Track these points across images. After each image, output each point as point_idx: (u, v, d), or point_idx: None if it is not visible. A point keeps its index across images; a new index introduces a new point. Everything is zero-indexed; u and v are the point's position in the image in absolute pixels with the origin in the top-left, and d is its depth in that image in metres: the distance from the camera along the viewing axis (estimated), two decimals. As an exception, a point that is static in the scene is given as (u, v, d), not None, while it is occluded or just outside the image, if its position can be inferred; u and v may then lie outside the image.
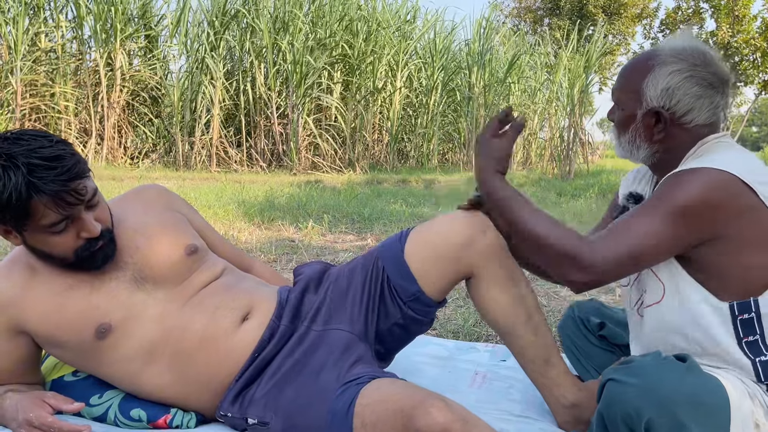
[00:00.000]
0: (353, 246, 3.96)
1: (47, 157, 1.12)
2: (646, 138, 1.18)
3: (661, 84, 1.14)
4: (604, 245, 1.07)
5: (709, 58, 1.14)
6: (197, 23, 10.61)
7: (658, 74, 1.14)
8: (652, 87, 1.15)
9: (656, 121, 1.16)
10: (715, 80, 1.13)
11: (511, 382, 1.67)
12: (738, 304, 1.08)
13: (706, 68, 1.13)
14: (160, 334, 1.26)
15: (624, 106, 1.21)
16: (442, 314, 2.51)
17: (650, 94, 1.15)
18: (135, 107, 10.45)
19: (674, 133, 1.16)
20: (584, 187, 8.32)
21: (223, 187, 7.13)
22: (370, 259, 1.42)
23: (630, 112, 1.19)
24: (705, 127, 1.16)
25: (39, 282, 1.24)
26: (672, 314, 1.14)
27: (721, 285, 1.09)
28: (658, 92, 1.14)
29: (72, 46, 10.32)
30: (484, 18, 11.70)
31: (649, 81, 1.15)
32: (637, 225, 1.07)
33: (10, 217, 1.13)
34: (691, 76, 1.13)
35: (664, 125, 1.16)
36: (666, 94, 1.13)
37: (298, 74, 9.99)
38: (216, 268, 1.39)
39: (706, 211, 1.04)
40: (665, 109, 1.14)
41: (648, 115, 1.17)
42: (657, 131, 1.17)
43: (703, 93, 1.13)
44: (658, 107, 1.15)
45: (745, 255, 1.07)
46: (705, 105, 1.13)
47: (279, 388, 1.25)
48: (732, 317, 1.09)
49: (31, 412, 1.16)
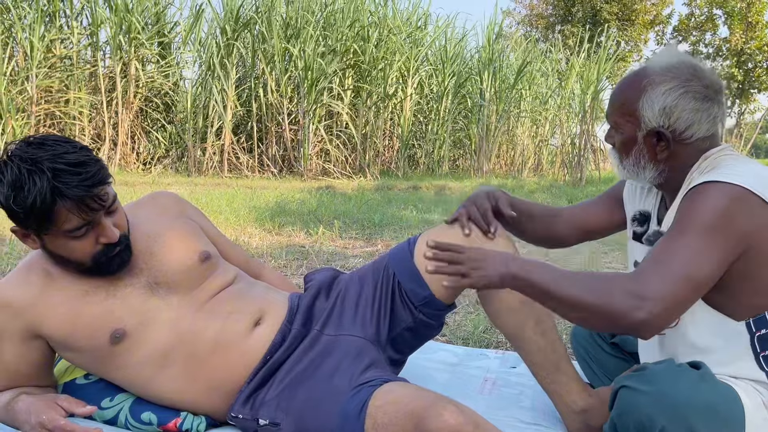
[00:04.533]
0: (363, 252, 3.96)
1: (72, 163, 1.13)
2: (650, 158, 1.17)
3: (657, 104, 1.12)
4: (652, 277, 1.00)
5: (700, 71, 1.13)
6: (210, 31, 10.71)
7: (652, 95, 1.12)
8: (648, 108, 1.13)
9: (658, 140, 1.15)
10: (709, 92, 1.12)
11: (521, 388, 1.66)
12: (754, 321, 1.07)
13: (698, 81, 1.12)
14: (174, 340, 1.27)
15: (622, 129, 1.19)
16: (452, 321, 2.50)
17: (648, 116, 1.13)
18: (148, 113, 10.56)
19: (677, 151, 1.15)
20: (595, 193, 8.23)
21: (234, 193, 7.17)
22: (380, 265, 1.43)
23: (629, 135, 1.18)
24: (706, 140, 1.14)
25: (55, 287, 1.25)
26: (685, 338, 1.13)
27: (737, 304, 1.07)
28: (656, 112, 1.12)
29: (87, 53, 10.45)
30: (495, 24, 11.70)
31: (644, 102, 1.13)
32: (675, 253, 1.02)
33: (33, 221, 1.15)
34: (685, 92, 1.11)
35: (667, 144, 1.14)
36: (664, 114, 1.12)
37: (309, 81, 10.04)
38: (228, 274, 1.40)
39: (731, 225, 1.02)
40: (665, 128, 1.13)
41: (649, 136, 1.15)
42: (660, 150, 1.15)
43: (700, 106, 1.11)
44: (658, 127, 1.13)
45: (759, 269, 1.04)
46: (704, 118, 1.12)
47: (291, 389, 1.25)
48: (750, 334, 1.07)
49: (44, 415, 1.18)
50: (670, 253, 1.03)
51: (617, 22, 24.24)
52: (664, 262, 1.02)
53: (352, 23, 11.04)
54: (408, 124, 11.38)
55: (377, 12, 11.72)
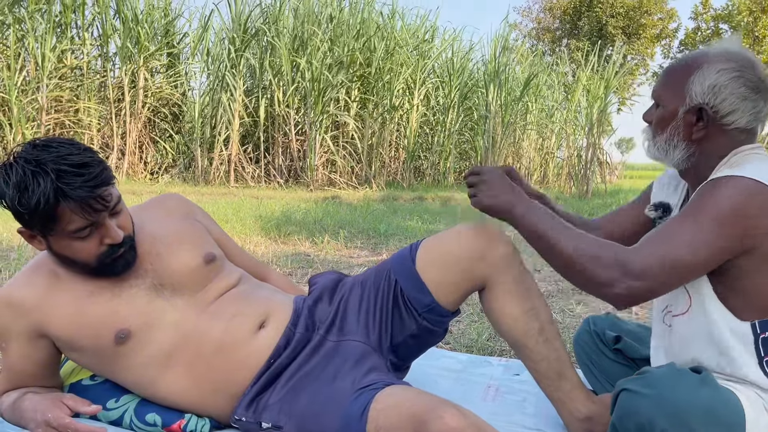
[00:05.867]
0: (368, 261, 3.97)
1: (75, 164, 1.14)
2: (684, 137, 1.17)
3: (708, 80, 1.13)
4: (645, 252, 1.04)
5: (757, 64, 1.14)
6: (218, 41, 10.82)
7: (706, 71, 1.13)
8: (698, 83, 1.14)
9: (697, 119, 1.15)
10: (761, 85, 1.13)
11: (525, 395, 1.66)
12: (760, 322, 1.06)
13: (753, 72, 1.13)
14: (178, 341, 1.28)
15: (665, 103, 1.19)
16: (456, 328, 2.50)
17: (696, 90, 1.14)
18: (156, 123, 10.64)
19: (713, 134, 1.15)
20: (602, 206, 8.26)
21: (240, 203, 7.20)
22: (382, 271, 1.43)
23: (671, 110, 1.18)
24: (743, 133, 1.15)
25: (61, 287, 1.27)
26: (696, 328, 1.12)
27: (746, 303, 1.07)
28: (705, 88, 1.13)
29: (97, 63, 10.57)
30: (501, 37, 11.75)
31: (696, 78, 1.14)
32: (676, 234, 1.05)
33: (37, 222, 1.16)
34: (739, 76, 1.12)
35: (705, 123, 1.14)
36: (712, 91, 1.12)
37: (316, 92, 10.10)
38: (233, 276, 1.41)
39: (742, 219, 1.02)
40: (709, 107, 1.13)
41: (690, 112, 1.15)
42: (696, 130, 1.15)
43: (748, 95, 1.12)
44: (703, 104, 1.13)
45: None
46: (748, 108, 1.12)
47: (294, 393, 1.26)
48: (754, 336, 1.07)
49: (50, 413, 1.19)
50: (670, 233, 1.05)
51: (623, 37, 24.30)
52: (661, 242, 1.05)
53: (358, 34, 11.12)
54: (414, 136, 11.41)
55: (384, 25, 11.81)
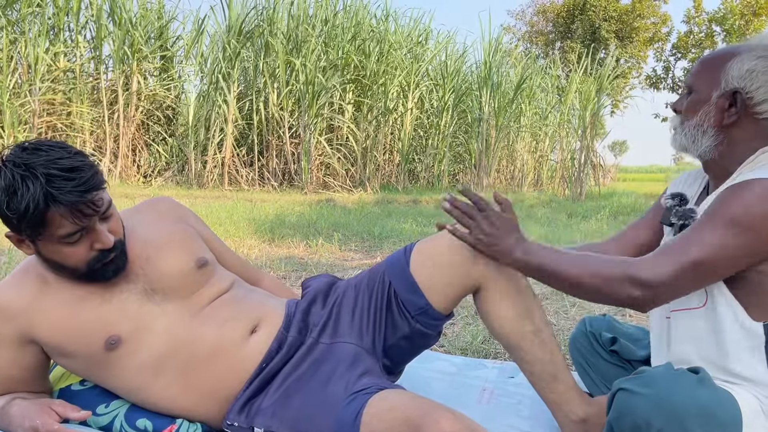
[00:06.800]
0: (363, 264, 3.96)
1: (66, 168, 1.12)
2: (715, 122, 1.16)
3: (746, 65, 1.12)
4: (662, 260, 1.05)
5: None
6: (212, 44, 10.80)
7: (746, 57, 1.13)
8: (735, 68, 1.13)
9: (730, 105, 1.15)
10: None
11: (520, 398, 1.65)
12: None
13: None
14: (170, 346, 1.26)
15: (699, 88, 1.19)
16: (451, 331, 2.49)
17: (732, 74, 1.14)
18: (149, 126, 10.61)
19: (743, 122, 1.15)
20: (595, 208, 8.28)
21: (234, 206, 7.18)
22: (376, 273, 1.42)
23: (704, 94, 1.17)
24: None
25: (50, 293, 1.25)
26: (704, 323, 1.12)
27: (760, 302, 1.06)
28: (742, 73, 1.13)
29: (90, 66, 10.52)
30: (494, 40, 11.79)
31: (734, 63, 1.14)
32: (695, 239, 1.05)
33: (27, 227, 1.14)
34: None
35: (738, 110, 1.14)
36: (749, 76, 1.12)
37: (310, 94, 10.10)
38: (225, 281, 1.39)
39: (765, 224, 1.01)
40: (744, 91, 1.13)
41: (724, 97, 1.15)
42: (728, 115, 1.15)
43: None
44: (738, 88, 1.13)
45: None
46: None
47: (286, 397, 1.24)
48: (766, 337, 1.06)
49: (38, 419, 1.17)
50: (686, 240, 1.06)
51: (616, 40, 24.43)
52: (676, 249, 1.06)
53: (353, 37, 11.13)
54: (408, 139, 11.43)
55: (378, 27, 11.83)
